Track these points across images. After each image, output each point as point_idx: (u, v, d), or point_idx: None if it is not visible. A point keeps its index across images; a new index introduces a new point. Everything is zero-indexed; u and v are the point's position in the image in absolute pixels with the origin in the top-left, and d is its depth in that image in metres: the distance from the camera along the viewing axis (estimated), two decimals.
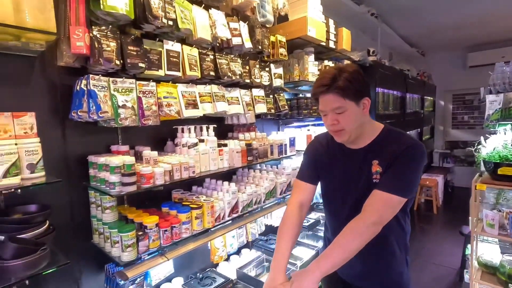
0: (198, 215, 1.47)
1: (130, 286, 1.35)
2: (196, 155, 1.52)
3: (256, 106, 1.99)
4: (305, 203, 1.27)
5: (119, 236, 1.21)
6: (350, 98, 1.02)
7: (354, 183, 1.15)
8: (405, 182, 1.05)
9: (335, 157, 1.22)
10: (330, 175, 1.23)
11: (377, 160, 1.09)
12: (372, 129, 1.15)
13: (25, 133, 1.07)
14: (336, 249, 1.04)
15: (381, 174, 1.08)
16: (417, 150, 1.06)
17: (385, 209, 1.04)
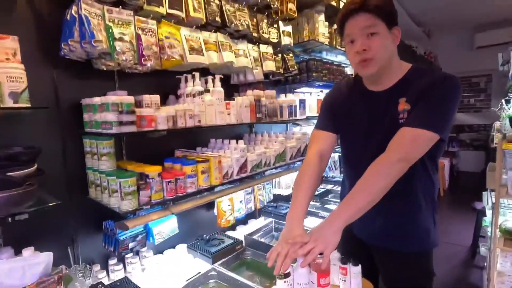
0: (204, 169, 1.34)
1: (130, 243, 1.22)
2: (202, 105, 1.38)
3: (264, 64, 1.84)
4: (325, 153, 1.15)
5: (117, 183, 1.07)
6: (382, 19, 0.91)
7: (377, 128, 1.03)
8: (438, 116, 0.91)
9: (356, 102, 1.09)
10: (350, 122, 1.11)
11: (405, 98, 0.96)
12: (400, 67, 1.02)
13: (7, 59, 0.93)
14: (359, 193, 0.93)
15: (408, 112, 0.95)
16: (453, 82, 0.92)
17: (413, 145, 0.91)
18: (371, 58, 0.93)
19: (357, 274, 1.21)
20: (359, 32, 0.93)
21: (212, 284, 1.45)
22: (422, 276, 1.14)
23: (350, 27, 0.95)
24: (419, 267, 1.14)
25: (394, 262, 1.17)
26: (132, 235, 1.21)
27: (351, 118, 1.10)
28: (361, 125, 1.07)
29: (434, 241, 1.12)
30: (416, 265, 1.13)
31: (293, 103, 1.95)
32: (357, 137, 1.09)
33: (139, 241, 1.25)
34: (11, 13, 1.06)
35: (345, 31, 0.97)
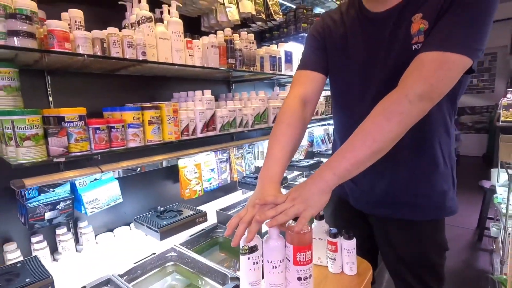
0: (154, 119, 1.02)
1: (47, 212, 0.90)
2: (150, 35, 1.05)
3: (240, 3, 1.51)
4: (309, 97, 0.87)
5: (10, 125, 0.75)
6: None
7: (380, 57, 0.76)
8: (469, 33, 0.62)
9: (352, 29, 0.83)
10: (345, 54, 0.84)
11: (421, 13, 0.69)
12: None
13: None
14: (361, 139, 0.65)
15: (425, 34, 0.68)
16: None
17: (439, 74, 0.62)
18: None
19: (350, 250, 0.90)
20: None
21: (170, 267, 1.16)
22: (436, 249, 0.89)
23: None
24: (432, 239, 0.88)
25: (401, 234, 0.89)
26: (48, 201, 0.90)
27: (346, 50, 0.84)
28: (359, 56, 0.82)
29: (451, 207, 0.86)
30: (429, 236, 0.88)
31: (277, 54, 1.62)
32: (354, 73, 0.83)
33: (63, 210, 0.93)
34: None
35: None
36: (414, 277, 0.91)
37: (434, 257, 0.89)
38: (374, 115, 0.66)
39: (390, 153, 0.67)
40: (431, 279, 0.91)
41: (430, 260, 0.89)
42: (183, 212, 1.17)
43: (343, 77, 0.88)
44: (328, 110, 2.10)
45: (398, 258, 0.92)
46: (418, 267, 0.90)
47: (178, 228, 1.06)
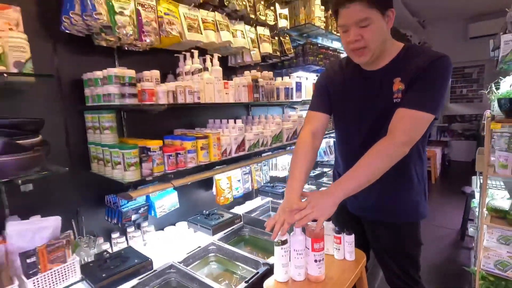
0: (204, 145, 1.37)
1: (133, 215, 1.26)
2: (201, 83, 1.40)
3: (261, 45, 1.87)
4: (318, 131, 1.19)
5: (120, 155, 1.10)
6: (376, 8, 0.91)
7: (371, 104, 1.06)
8: (434, 97, 0.95)
9: (351, 81, 1.12)
10: (345, 99, 1.14)
11: (399, 78, 0.99)
12: (392, 46, 1.03)
13: (10, 29, 0.94)
14: (362, 169, 0.96)
15: (403, 92, 0.98)
16: (445, 63, 0.95)
17: (414, 127, 0.96)
18: (364, 47, 0.96)
19: (350, 242, 1.27)
20: (352, 23, 0.93)
21: (212, 257, 1.51)
22: (412, 244, 1.22)
23: (344, 18, 0.95)
24: (409, 236, 1.21)
25: (386, 232, 1.22)
26: (134, 207, 1.25)
27: (345, 96, 1.13)
28: (355, 103, 1.10)
29: (423, 213, 1.19)
30: (407, 234, 1.20)
31: (290, 85, 1.98)
32: (352, 114, 1.13)
33: (141, 213, 1.29)
34: None
35: (339, 21, 0.98)
36: (396, 265, 1.23)
37: (411, 250, 1.22)
38: (371, 155, 0.95)
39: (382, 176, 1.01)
40: (410, 266, 1.23)
41: (408, 252, 1.21)
42: (223, 215, 1.53)
43: (343, 116, 1.19)
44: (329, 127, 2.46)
45: (384, 250, 1.26)
46: (400, 257, 1.22)
47: (223, 226, 1.41)
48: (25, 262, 0.85)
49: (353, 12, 0.91)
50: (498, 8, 5.37)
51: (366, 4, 0.89)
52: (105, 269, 1.03)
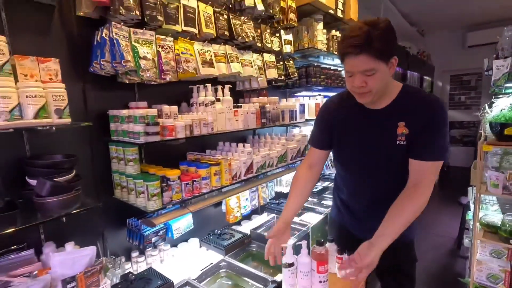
0: (216, 171, 1.49)
1: (153, 237, 1.38)
2: (214, 113, 1.53)
3: (267, 71, 1.99)
4: (315, 165, 1.30)
5: (144, 186, 1.23)
6: (383, 60, 0.94)
7: (374, 143, 1.13)
8: (445, 146, 1.05)
9: (353, 118, 1.17)
10: (347, 136, 1.20)
11: (403, 122, 1.06)
12: (393, 88, 1.10)
13: (51, 79, 1.06)
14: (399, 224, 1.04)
15: (406, 136, 1.06)
16: (445, 112, 1.05)
17: (434, 177, 1.07)
18: (368, 91, 1.01)
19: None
20: (358, 71, 0.97)
21: (223, 273, 1.63)
22: (409, 262, 1.34)
23: (350, 66, 0.98)
24: (405, 255, 1.32)
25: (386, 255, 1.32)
26: (155, 230, 1.37)
27: (348, 131, 1.19)
28: (358, 139, 1.16)
29: (413, 232, 1.30)
30: (404, 254, 1.32)
31: (294, 108, 2.10)
32: (357, 152, 1.18)
33: (160, 235, 1.41)
34: (48, 34, 1.19)
35: (345, 66, 1.01)
36: (394, 281, 1.35)
37: (407, 267, 1.33)
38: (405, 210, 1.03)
39: (377, 205, 1.13)
40: (406, 281, 1.35)
41: (405, 269, 1.33)
42: (234, 235, 1.65)
43: (345, 149, 1.22)
44: None
45: (382, 266, 1.38)
46: (398, 275, 1.34)
47: (234, 246, 1.53)
48: (66, 287, 0.97)
49: (360, 62, 0.94)
50: (496, 18, 5.51)
51: (373, 57, 0.92)
52: None
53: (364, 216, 1.27)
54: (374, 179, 1.19)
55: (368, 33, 0.90)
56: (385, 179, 1.17)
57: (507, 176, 1.96)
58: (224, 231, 1.71)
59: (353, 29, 0.95)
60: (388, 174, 1.16)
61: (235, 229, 1.70)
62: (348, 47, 0.93)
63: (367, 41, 0.90)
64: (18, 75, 0.99)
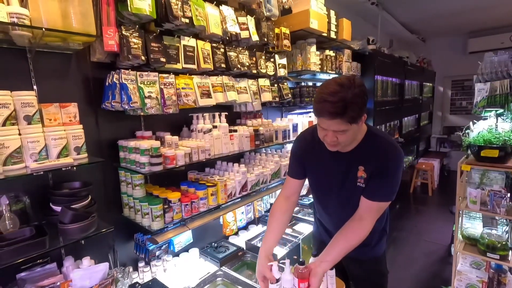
0: (213, 192, 1.68)
1: (157, 251, 1.58)
2: (211, 139, 1.71)
3: (262, 95, 2.16)
4: (292, 195, 1.40)
5: (149, 209, 1.42)
6: (355, 123, 1.02)
7: (339, 182, 1.26)
8: (393, 189, 1.17)
9: (321, 156, 1.28)
10: (316, 171, 1.33)
11: (363, 167, 1.18)
12: (359, 134, 1.19)
13: (70, 121, 1.26)
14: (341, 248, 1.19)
15: (365, 179, 1.19)
16: (399, 159, 1.16)
17: (379, 214, 1.22)
18: (338, 144, 1.11)
19: (331, 276, 1.57)
20: (331, 130, 1.05)
21: (219, 281, 1.82)
22: (376, 273, 1.48)
23: (324, 124, 1.05)
24: (373, 267, 1.47)
25: (355, 267, 1.50)
26: (158, 245, 1.57)
27: (317, 167, 1.31)
28: (325, 175, 1.30)
29: (380, 249, 1.44)
30: (370, 266, 1.46)
31: (287, 128, 2.27)
32: (323, 186, 1.33)
33: (163, 249, 1.61)
34: (67, 78, 1.38)
35: (318, 120, 1.08)
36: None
37: (378, 280, 1.48)
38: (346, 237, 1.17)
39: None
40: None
41: (375, 282, 1.48)
42: (229, 248, 1.84)
43: (315, 182, 1.37)
44: None
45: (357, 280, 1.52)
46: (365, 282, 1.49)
47: (229, 259, 1.72)
48: None
49: (334, 124, 1.01)
50: (497, 25, 5.56)
51: (346, 122, 0.99)
52: None
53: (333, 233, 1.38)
54: (337, 209, 1.34)
55: (343, 101, 0.96)
56: (346, 211, 1.28)
57: (486, 193, 2.11)
58: (221, 244, 1.90)
59: (329, 92, 0.99)
60: (347, 207, 1.27)
61: (230, 242, 1.89)
62: (324, 111, 1.00)
63: (342, 110, 0.96)
64: (44, 120, 1.18)
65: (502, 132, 2.02)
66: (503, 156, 1.91)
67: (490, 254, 1.99)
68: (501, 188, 1.99)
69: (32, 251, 1.03)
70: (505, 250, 1.97)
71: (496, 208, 1.95)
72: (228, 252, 1.78)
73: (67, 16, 1.10)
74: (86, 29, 1.14)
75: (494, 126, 2.10)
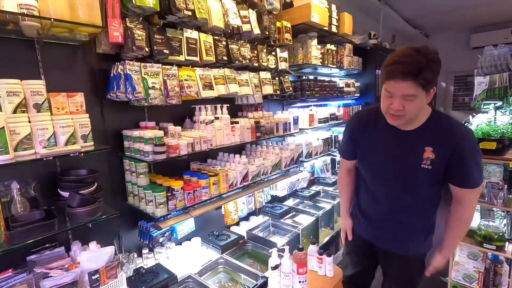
0: (215, 181, 1.73)
1: (160, 238, 1.63)
2: (213, 130, 1.75)
3: (263, 88, 2.19)
4: (352, 169, 1.50)
5: (153, 196, 1.47)
6: (424, 88, 0.98)
7: (400, 162, 1.18)
8: (482, 172, 1.16)
9: (382, 136, 1.22)
10: (370, 153, 1.28)
11: (431, 148, 1.11)
12: (423, 112, 1.14)
13: (77, 109, 1.30)
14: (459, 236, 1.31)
15: (432, 161, 1.11)
16: (475, 140, 1.12)
17: (476, 197, 1.22)
18: (403, 115, 1.06)
19: (329, 262, 1.62)
20: (399, 95, 1.01)
21: (221, 268, 1.87)
22: (417, 274, 1.39)
23: (393, 88, 1.01)
24: (415, 267, 1.38)
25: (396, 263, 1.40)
26: (162, 232, 1.62)
27: (374, 149, 1.26)
28: (385, 157, 1.23)
29: (428, 247, 1.37)
30: (414, 266, 1.37)
31: (288, 121, 2.31)
32: (380, 162, 1.25)
33: (166, 236, 1.66)
34: (73, 69, 1.43)
35: (386, 86, 1.04)
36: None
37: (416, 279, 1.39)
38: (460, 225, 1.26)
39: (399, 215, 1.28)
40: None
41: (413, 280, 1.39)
42: (230, 236, 1.89)
43: (371, 163, 1.30)
44: (324, 150, 2.79)
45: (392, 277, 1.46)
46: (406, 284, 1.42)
47: (230, 246, 1.77)
48: (91, 278, 1.22)
49: (404, 87, 0.97)
50: (500, 20, 5.52)
51: (418, 85, 0.96)
52: (143, 282, 1.40)
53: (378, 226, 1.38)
54: (393, 195, 1.27)
55: (420, 64, 0.93)
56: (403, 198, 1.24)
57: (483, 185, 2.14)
58: (222, 232, 1.95)
59: (403, 55, 0.97)
60: (406, 193, 1.22)
61: (232, 230, 1.94)
62: (397, 72, 0.97)
63: (418, 70, 0.94)
64: (52, 109, 1.23)
65: (500, 125, 2.05)
66: (501, 148, 1.93)
67: (487, 245, 2.02)
68: (499, 180, 2.02)
69: (42, 232, 1.08)
70: (501, 241, 2.00)
71: (494, 200, 1.98)
72: (229, 240, 1.83)
73: (74, 7, 1.13)
74: (92, 20, 1.18)
75: (493, 119, 2.12)
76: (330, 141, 2.90)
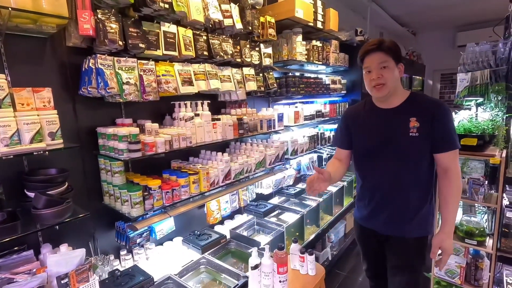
0: (195, 180, 1.68)
1: (138, 239, 1.58)
2: (192, 127, 1.70)
3: (246, 84, 2.15)
4: (342, 159, 1.59)
5: (128, 196, 1.41)
6: (393, 57, 1.28)
7: (390, 135, 1.35)
8: (456, 135, 1.30)
9: (369, 116, 1.45)
10: (364, 131, 1.45)
11: (414, 117, 1.31)
12: (402, 92, 1.38)
13: (44, 106, 1.24)
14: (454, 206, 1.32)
15: (417, 128, 1.29)
16: (449, 110, 1.31)
17: (458, 161, 1.32)
18: (383, 83, 1.30)
19: (311, 261, 1.59)
20: (375, 65, 1.30)
21: (203, 269, 1.83)
22: (417, 257, 1.40)
23: (368, 61, 1.31)
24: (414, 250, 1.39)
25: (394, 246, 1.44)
26: (139, 233, 1.56)
27: (365, 128, 1.45)
28: (375, 133, 1.40)
29: (431, 229, 1.42)
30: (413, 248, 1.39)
31: (272, 118, 2.27)
32: (372, 142, 1.41)
33: (144, 237, 1.60)
34: (41, 63, 1.35)
35: (364, 64, 1.34)
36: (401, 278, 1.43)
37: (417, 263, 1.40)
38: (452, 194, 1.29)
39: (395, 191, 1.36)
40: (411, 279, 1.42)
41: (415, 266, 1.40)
42: (211, 235, 1.84)
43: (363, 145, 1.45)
44: (310, 148, 2.77)
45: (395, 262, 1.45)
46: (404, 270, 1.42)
47: (211, 246, 1.73)
48: (60, 283, 1.16)
49: (376, 57, 1.29)
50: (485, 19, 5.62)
51: (386, 53, 1.28)
52: (117, 285, 1.35)
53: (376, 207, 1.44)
54: (391, 166, 1.36)
55: (380, 40, 1.30)
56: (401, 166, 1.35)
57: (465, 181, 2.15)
58: (204, 232, 1.90)
59: (369, 41, 1.36)
60: (402, 161, 1.34)
61: (214, 230, 1.90)
62: (367, 47, 1.31)
63: (380, 43, 1.29)
64: (16, 104, 1.16)
65: (481, 121, 2.06)
66: (481, 144, 1.94)
67: (468, 240, 2.04)
68: (480, 176, 2.04)
69: (2, 236, 1.02)
70: (482, 236, 2.02)
71: (475, 196, 1.99)
72: (210, 240, 1.78)
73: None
74: (57, 10, 1.11)
75: (474, 115, 2.13)
76: (316, 138, 2.88)
